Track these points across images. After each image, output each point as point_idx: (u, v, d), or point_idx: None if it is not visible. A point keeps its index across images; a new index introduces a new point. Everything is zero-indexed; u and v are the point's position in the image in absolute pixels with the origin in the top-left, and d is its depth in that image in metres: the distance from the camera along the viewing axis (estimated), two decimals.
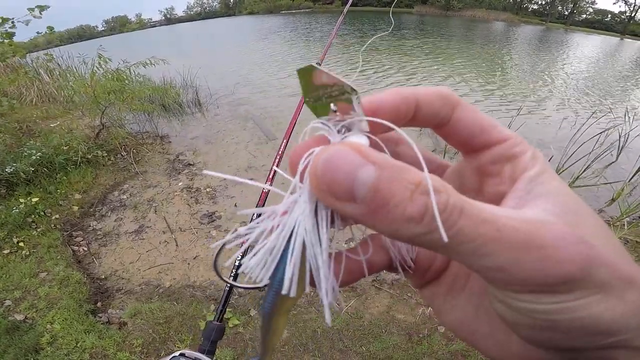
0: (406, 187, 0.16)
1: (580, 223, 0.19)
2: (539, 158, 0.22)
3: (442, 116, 0.23)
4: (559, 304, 0.17)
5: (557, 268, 0.17)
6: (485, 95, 7.91)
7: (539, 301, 0.18)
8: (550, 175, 0.21)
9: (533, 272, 0.17)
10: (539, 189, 0.20)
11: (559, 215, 0.18)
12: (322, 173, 0.17)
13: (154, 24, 76.12)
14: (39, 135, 5.05)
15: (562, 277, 0.17)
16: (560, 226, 0.18)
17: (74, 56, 8.06)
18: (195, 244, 3.39)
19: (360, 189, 0.16)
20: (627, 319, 0.18)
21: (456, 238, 0.16)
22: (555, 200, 0.19)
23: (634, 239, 3.20)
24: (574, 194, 0.20)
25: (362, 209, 0.16)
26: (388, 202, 0.16)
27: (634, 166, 4.29)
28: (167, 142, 5.67)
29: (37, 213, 3.66)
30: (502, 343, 0.23)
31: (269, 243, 0.20)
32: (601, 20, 49.87)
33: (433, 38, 18.86)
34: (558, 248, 0.17)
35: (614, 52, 21.02)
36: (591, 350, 0.19)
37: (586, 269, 0.17)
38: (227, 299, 1.09)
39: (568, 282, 0.17)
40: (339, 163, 0.16)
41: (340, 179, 0.16)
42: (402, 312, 2.61)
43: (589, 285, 0.17)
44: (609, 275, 0.17)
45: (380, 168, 0.16)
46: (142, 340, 2.42)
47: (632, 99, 8.43)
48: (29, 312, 2.64)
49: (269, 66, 11.29)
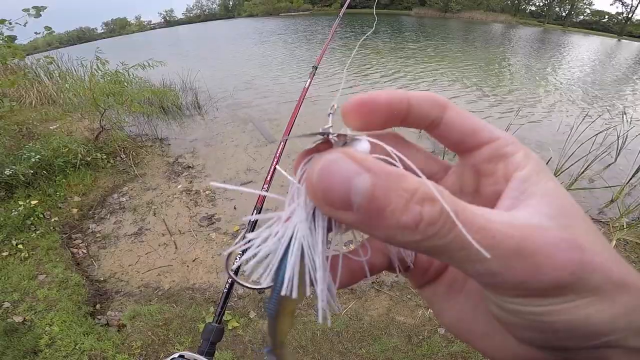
0: (401, 195, 0.16)
1: (573, 226, 0.19)
2: (532, 157, 0.22)
3: (432, 118, 0.23)
4: (550, 306, 0.18)
5: (549, 274, 0.17)
6: (495, 99, 7.92)
7: (531, 304, 0.18)
8: (545, 176, 0.21)
9: (525, 277, 0.17)
10: (533, 189, 0.20)
11: (553, 218, 0.19)
12: (318, 181, 0.17)
13: (153, 26, 76.23)
14: (39, 137, 5.05)
15: (554, 282, 0.17)
16: (553, 232, 0.18)
17: (73, 59, 8.05)
18: (194, 247, 3.39)
19: (356, 198, 0.16)
20: (616, 320, 0.18)
21: (451, 245, 0.17)
22: (549, 201, 0.20)
23: (633, 240, 3.21)
24: (568, 194, 0.21)
25: (358, 217, 0.16)
26: (383, 211, 0.16)
27: (632, 167, 4.29)
28: (166, 145, 5.67)
29: (36, 215, 3.65)
30: (500, 343, 0.24)
31: (268, 247, 0.21)
32: (598, 21, 49.99)
33: (435, 40, 18.91)
34: (550, 255, 0.17)
35: (611, 54, 21.07)
36: (584, 349, 0.20)
37: (577, 274, 0.17)
38: (226, 301, 1.09)
39: (559, 287, 0.17)
40: (334, 172, 0.16)
41: (335, 187, 0.16)
42: (402, 314, 2.61)
43: (580, 289, 0.18)
44: (600, 279, 0.18)
45: (376, 176, 0.16)
46: (141, 343, 2.42)
47: (630, 100, 8.46)
48: (28, 314, 2.63)
49: (268, 69, 11.31)
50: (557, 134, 5.69)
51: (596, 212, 3.80)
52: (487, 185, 0.24)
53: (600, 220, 3.66)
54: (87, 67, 5.62)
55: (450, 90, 8.43)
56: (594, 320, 0.18)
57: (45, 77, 7.74)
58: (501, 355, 0.24)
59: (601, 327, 0.18)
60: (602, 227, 3.47)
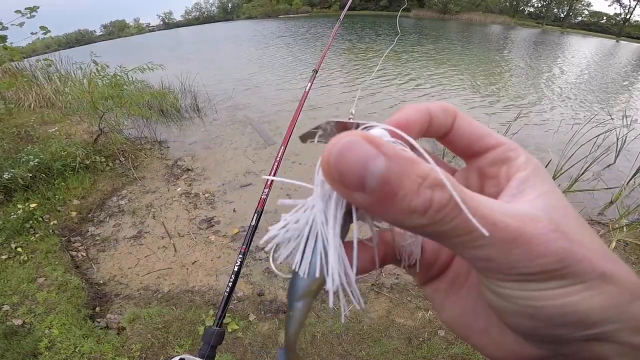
0: (414, 180, 0.17)
1: (564, 221, 0.20)
2: (532, 161, 0.24)
3: (447, 127, 0.25)
4: (540, 291, 0.19)
5: (539, 260, 0.18)
6: (492, 101, 7.94)
7: (521, 288, 0.19)
8: (543, 178, 0.23)
9: (517, 262, 0.18)
10: (531, 189, 0.22)
11: (546, 212, 0.20)
12: (335, 162, 0.17)
13: (152, 28, 76.19)
14: (37, 140, 5.04)
15: (544, 268, 0.18)
16: (545, 223, 0.19)
17: (72, 62, 8.05)
18: (194, 249, 3.39)
19: (370, 180, 0.16)
20: (605, 309, 0.19)
21: (454, 231, 0.18)
22: (544, 199, 0.21)
23: (633, 241, 3.21)
24: (562, 195, 0.22)
25: (371, 199, 0.17)
26: (396, 194, 0.17)
27: (631, 168, 4.30)
28: (165, 148, 5.67)
29: (35, 219, 3.65)
30: (497, 339, 0.25)
31: (290, 232, 0.22)
32: (597, 22, 50.07)
33: (435, 43, 18.93)
34: (541, 243, 0.18)
35: (610, 55, 21.14)
36: (577, 341, 0.20)
37: (565, 262, 0.18)
38: (227, 304, 1.09)
39: (548, 273, 0.18)
40: (351, 153, 0.17)
41: (351, 169, 0.17)
42: (401, 316, 2.61)
43: (567, 276, 0.19)
44: (586, 269, 0.19)
45: (390, 160, 0.17)
46: (140, 345, 2.41)
47: (629, 102, 8.48)
48: (27, 317, 2.62)
49: (267, 71, 11.33)
50: (557, 135, 5.70)
51: (596, 214, 3.81)
52: (491, 187, 0.25)
53: (600, 221, 3.66)
54: (86, 71, 5.62)
55: (449, 92, 8.45)
56: (583, 307, 0.19)
57: (44, 79, 7.73)
58: (498, 352, 0.25)
59: (591, 314, 0.19)
60: (601, 228, 3.48)
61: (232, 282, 1.12)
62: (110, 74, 5.02)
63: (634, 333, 0.20)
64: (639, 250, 3.16)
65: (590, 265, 0.19)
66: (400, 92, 8.28)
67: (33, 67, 8.19)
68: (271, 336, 2.49)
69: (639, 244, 3.20)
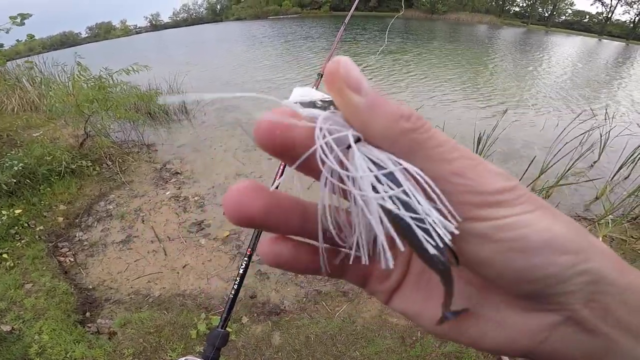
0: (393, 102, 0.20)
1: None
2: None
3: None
4: (503, 219, 0.20)
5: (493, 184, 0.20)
6: (480, 99, 8.02)
7: (490, 216, 0.20)
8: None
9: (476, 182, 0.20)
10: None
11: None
12: (344, 68, 0.20)
13: (139, 30, 75.14)
14: (21, 145, 4.95)
15: (498, 190, 0.20)
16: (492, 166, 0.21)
17: (55, 64, 7.92)
18: (184, 253, 3.36)
19: (366, 85, 0.20)
20: (574, 239, 0.20)
21: (429, 142, 0.20)
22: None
23: (618, 236, 3.27)
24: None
25: (365, 101, 0.19)
26: (386, 100, 0.20)
27: (615, 164, 4.39)
28: (153, 151, 5.60)
29: (21, 225, 3.57)
30: (496, 318, 0.24)
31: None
32: (580, 21, 50.95)
33: (437, 42, 19.08)
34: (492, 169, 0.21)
35: (592, 53, 21.56)
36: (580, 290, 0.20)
37: (510, 187, 0.20)
38: (232, 307, 1.10)
39: (501, 193, 0.20)
40: (353, 65, 0.20)
41: (353, 73, 0.20)
42: (394, 315, 2.62)
43: (522, 200, 0.20)
44: (536, 201, 0.21)
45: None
46: (133, 350, 2.39)
47: (612, 99, 8.65)
48: (16, 323, 2.57)
49: (256, 72, 11.29)
50: (542, 133, 5.79)
51: (582, 210, 3.88)
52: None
53: (587, 217, 3.73)
54: (69, 73, 5.51)
55: (434, 92, 8.52)
56: (557, 230, 0.20)
57: (27, 82, 7.58)
58: (502, 333, 0.24)
59: (566, 243, 0.20)
60: (588, 224, 3.54)
61: (238, 285, 1.12)
62: (95, 76, 4.93)
63: (617, 272, 0.21)
64: (625, 245, 3.23)
65: (538, 199, 0.21)
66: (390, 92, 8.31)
67: (16, 71, 8.02)
68: (264, 338, 2.49)
69: (624, 239, 3.27)
